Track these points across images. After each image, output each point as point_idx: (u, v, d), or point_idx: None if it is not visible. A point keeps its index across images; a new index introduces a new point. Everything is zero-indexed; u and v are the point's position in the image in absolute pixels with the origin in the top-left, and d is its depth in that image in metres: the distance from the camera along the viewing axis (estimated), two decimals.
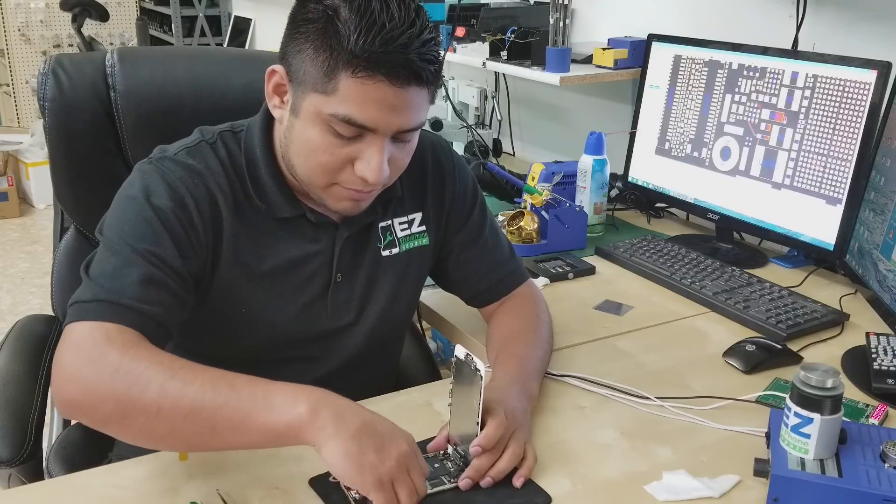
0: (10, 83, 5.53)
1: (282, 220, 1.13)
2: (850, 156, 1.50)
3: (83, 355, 0.93)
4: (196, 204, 1.06)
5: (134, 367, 0.91)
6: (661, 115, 1.86)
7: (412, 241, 1.24)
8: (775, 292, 1.51)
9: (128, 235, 1.01)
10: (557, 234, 1.74)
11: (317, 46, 0.99)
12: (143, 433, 0.92)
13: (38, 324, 1.43)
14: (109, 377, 0.90)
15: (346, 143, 1.02)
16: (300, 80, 1.02)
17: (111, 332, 0.94)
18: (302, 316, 1.17)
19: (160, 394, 0.89)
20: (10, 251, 4.21)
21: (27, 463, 1.17)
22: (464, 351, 0.99)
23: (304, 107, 1.02)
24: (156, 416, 0.89)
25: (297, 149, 1.06)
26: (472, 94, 2.52)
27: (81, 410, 0.94)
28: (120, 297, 0.97)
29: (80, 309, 0.97)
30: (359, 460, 0.87)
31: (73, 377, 0.92)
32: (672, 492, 0.98)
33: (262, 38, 4.91)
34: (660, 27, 1.95)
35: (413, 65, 0.98)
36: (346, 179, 1.05)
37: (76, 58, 1.35)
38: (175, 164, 1.08)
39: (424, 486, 0.93)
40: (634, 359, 1.32)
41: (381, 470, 0.88)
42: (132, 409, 0.90)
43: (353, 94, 0.98)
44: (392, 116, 1.00)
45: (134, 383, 0.90)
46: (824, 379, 0.94)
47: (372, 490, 0.88)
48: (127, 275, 0.98)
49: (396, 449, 0.90)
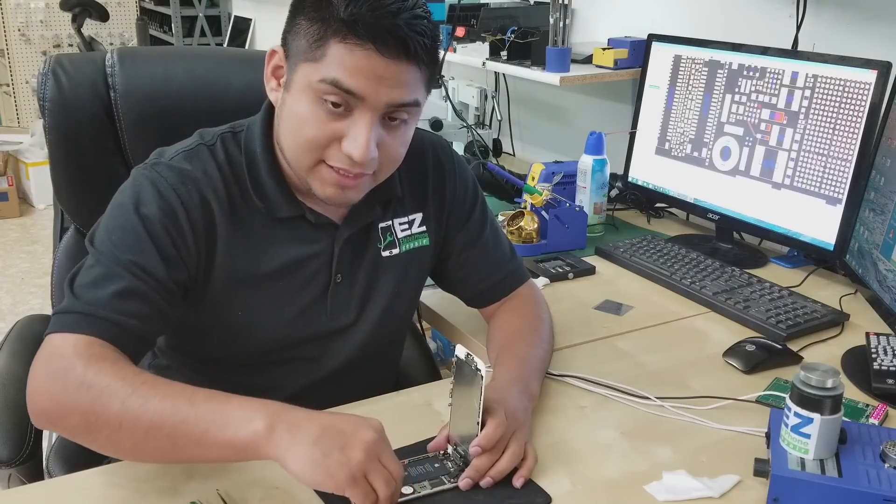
0: (10, 83, 5.54)
1: (281, 221, 1.13)
2: (850, 156, 1.50)
3: (51, 367, 0.94)
4: (187, 212, 1.05)
5: (98, 382, 0.91)
6: (661, 115, 1.86)
7: (413, 242, 1.24)
8: (775, 292, 1.51)
9: (114, 245, 1.02)
10: (557, 234, 1.74)
11: (310, 18, 1.01)
12: (109, 445, 0.93)
13: (38, 324, 1.43)
14: (74, 390, 0.91)
15: (335, 118, 1.01)
16: (293, 55, 1.04)
17: (79, 345, 0.95)
18: (301, 317, 1.16)
19: (122, 409, 0.90)
20: (10, 251, 4.21)
21: (27, 463, 1.17)
22: (464, 351, 0.99)
23: (296, 79, 1.03)
24: (118, 431, 0.90)
25: (286, 125, 1.06)
26: (472, 94, 2.52)
27: (50, 421, 0.96)
28: (96, 308, 0.97)
29: (57, 320, 0.98)
30: (324, 464, 0.85)
31: (42, 389, 0.94)
32: (672, 492, 0.98)
33: (262, 38, 4.91)
34: (660, 27, 1.95)
35: (400, 31, 0.98)
36: (332, 156, 1.04)
37: (76, 58, 1.35)
38: (169, 170, 1.07)
39: (400, 468, 0.90)
40: (634, 359, 1.32)
41: (350, 466, 0.85)
42: (96, 422, 0.91)
43: (341, 60, 0.99)
44: (380, 88, 1.00)
45: (97, 398, 0.90)
46: (824, 379, 0.94)
47: (347, 488, 0.86)
48: (106, 286, 0.99)
49: (361, 440, 0.87)
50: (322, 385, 1.21)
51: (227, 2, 5.36)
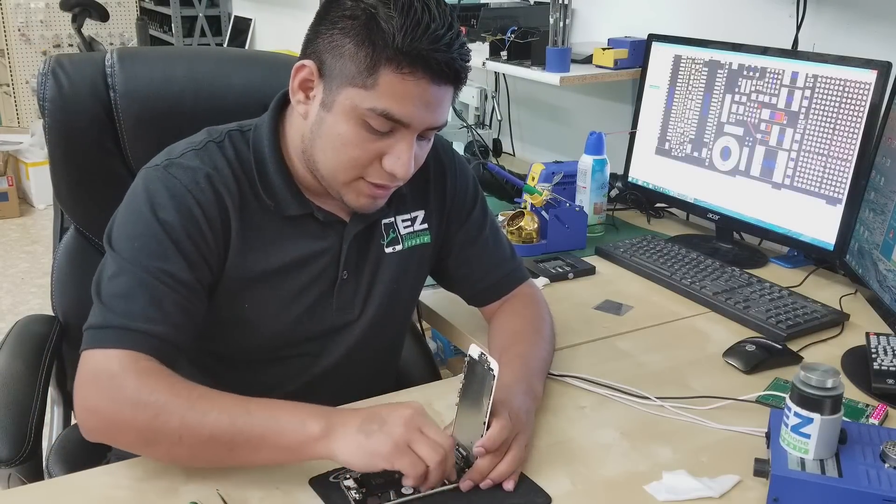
0: (10, 83, 5.53)
1: (289, 219, 1.13)
2: (850, 156, 1.50)
3: (101, 387, 0.97)
4: (203, 212, 1.06)
5: (154, 399, 0.94)
6: (661, 115, 1.86)
7: (415, 239, 1.24)
8: (775, 292, 1.51)
9: (138, 252, 1.03)
10: (557, 234, 1.74)
11: (358, 42, 1.01)
12: (167, 456, 0.98)
13: (38, 324, 1.43)
14: (130, 410, 0.95)
15: (378, 138, 1.04)
16: (335, 75, 1.03)
17: (125, 361, 0.97)
18: (308, 313, 1.17)
19: (181, 424, 0.94)
20: (10, 251, 4.21)
21: (27, 463, 1.17)
22: (478, 350, 1.00)
23: (339, 101, 1.03)
24: (178, 444, 0.95)
25: (325, 143, 1.07)
26: (472, 94, 2.52)
27: (106, 438, 1.00)
28: (133, 321, 0.99)
29: (95, 335, 0.99)
30: (368, 444, 0.92)
31: (94, 409, 0.97)
32: (672, 492, 0.98)
33: (262, 38, 4.91)
34: (660, 27, 1.95)
35: (456, 63, 1.02)
36: (372, 174, 1.07)
37: (76, 58, 1.35)
38: (181, 170, 1.07)
39: (446, 438, 0.94)
40: (634, 359, 1.32)
41: (393, 438, 0.91)
42: (154, 438, 0.95)
43: (393, 90, 1.00)
44: (426, 113, 1.03)
45: (156, 416, 0.94)
46: (824, 379, 0.94)
47: (394, 460, 0.91)
48: (139, 297, 1.00)
49: (399, 416, 0.93)
50: (321, 383, 1.21)
51: (227, 2, 5.36)
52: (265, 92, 1.26)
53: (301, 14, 3.85)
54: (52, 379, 1.38)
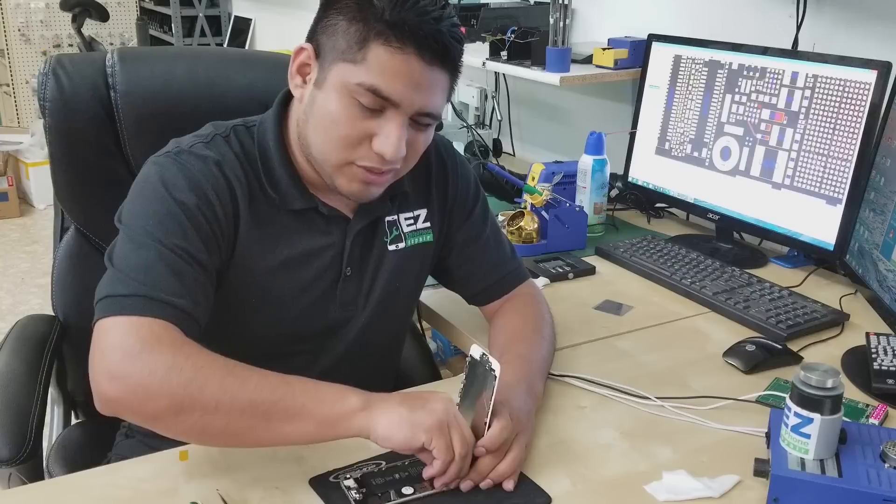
0: (10, 83, 5.53)
1: (294, 213, 1.14)
2: (850, 156, 1.50)
3: (129, 352, 0.92)
4: (218, 197, 1.06)
5: (190, 365, 0.92)
6: (661, 115, 1.86)
7: (417, 237, 1.25)
8: (775, 292, 1.51)
9: (155, 228, 1.01)
10: (557, 234, 1.74)
11: (350, 18, 1.02)
12: (196, 428, 0.93)
13: (38, 324, 1.43)
14: (164, 374, 0.91)
15: (367, 117, 1.03)
16: (328, 53, 1.04)
17: (154, 328, 0.94)
18: (310, 309, 1.17)
19: (219, 389, 0.92)
20: (10, 251, 4.21)
21: (27, 463, 1.17)
22: (479, 350, 1.00)
23: (330, 78, 1.04)
24: (214, 412, 0.91)
25: (316, 122, 1.07)
26: (472, 94, 2.52)
27: (128, 408, 0.94)
28: (157, 291, 0.96)
29: (116, 303, 0.96)
30: (411, 418, 0.93)
31: (120, 375, 0.92)
32: (672, 492, 0.98)
33: (262, 38, 4.91)
34: (660, 27, 1.95)
35: (444, 37, 1.01)
36: (361, 156, 1.06)
37: (76, 58, 1.35)
38: (193, 157, 1.07)
39: (472, 435, 0.96)
40: (634, 359, 1.32)
41: (437, 414, 0.93)
42: (189, 405, 0.91)
43: (382, 64, 1.00)
44: (415, 94, 1.02)
45: (192, 380, 0.91)
46: (824, 379, 0.94)
47: (434, 436, 0.92)
48: (160, 269, 0.98)
49: (440, 398, 0.96)
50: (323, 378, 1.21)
51: (227, 2, 5.36)
52: (265, 92, 1.26)
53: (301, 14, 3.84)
54: (53, 379, 1.39)
